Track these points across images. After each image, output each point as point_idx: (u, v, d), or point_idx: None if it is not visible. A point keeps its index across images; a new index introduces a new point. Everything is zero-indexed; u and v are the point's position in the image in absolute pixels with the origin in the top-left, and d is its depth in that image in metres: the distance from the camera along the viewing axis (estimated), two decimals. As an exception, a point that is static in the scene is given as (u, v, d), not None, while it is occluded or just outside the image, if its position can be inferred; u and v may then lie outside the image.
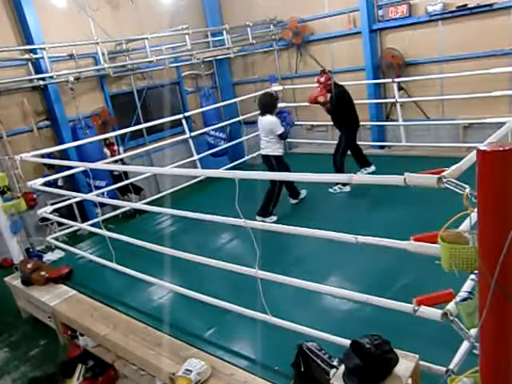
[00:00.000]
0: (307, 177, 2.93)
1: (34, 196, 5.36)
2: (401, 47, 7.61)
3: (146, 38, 7.73)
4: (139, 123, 8.08)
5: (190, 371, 2.94)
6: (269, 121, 5.56)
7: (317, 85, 6.22)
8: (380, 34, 7.97)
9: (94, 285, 4.68)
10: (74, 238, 6.85)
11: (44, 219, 6.89)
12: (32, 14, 6.98)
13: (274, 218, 5.54)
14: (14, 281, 5.15)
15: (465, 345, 2.43)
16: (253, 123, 9.49)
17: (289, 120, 5.83)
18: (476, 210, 1.75)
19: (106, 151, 7.66)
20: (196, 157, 7.52)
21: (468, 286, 2.36)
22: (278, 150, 5.64)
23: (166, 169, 6.53)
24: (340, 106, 6.16)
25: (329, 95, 6.12)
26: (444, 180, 2.12)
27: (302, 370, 2.68)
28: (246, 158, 8.34)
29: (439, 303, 2.40)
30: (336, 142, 6.57)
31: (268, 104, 5.64)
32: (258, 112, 5.78)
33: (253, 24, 8.89)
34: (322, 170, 2.97)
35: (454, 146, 7.02)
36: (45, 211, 5.54)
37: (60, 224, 6.88)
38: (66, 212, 7.13)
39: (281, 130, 5.53)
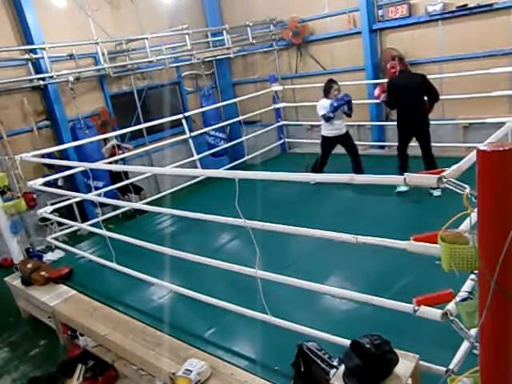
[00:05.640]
0: (307, 177, 2.93)
1: (34, 196, 5.36)
2: (401, 47, 7.60)
3: (146, 38, 7.73)
4: (139, 123, 8.08)
5: (190, 371, 2.94)
6: (318, 103, 6.36)
7: None
8: (380, 34, 7.97)
9: (93, 285, 4.68)
10: (74, 238, 6.85)
11: (44, 219, 6.89)
12: (32, 14, 6.98)
13: None
14: (14, 281, 5.15)
15: (465, 345, 2.43)
16: (253, 123, 9.52)
17: (336, 102, 6.20)
18: (476, 209, 1.75)
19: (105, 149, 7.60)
20: (196, 157, 7.52)
21: (468, 286, 2.36)
22: (323, 131, 6.51)
23: (166, 169, 6.54)
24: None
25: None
26: (444, 180, 2.12)
27: (302, 370, 2.68)
28: (246, 157, 8.33)
29: (439, 303, 2.40)
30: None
31: (323, 88, 6.39)
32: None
33: (253, 24, 8.88)
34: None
35: (454, 145, 7.02)
36: (45, 211, 5.53)
37: (60, 224, 6.88)
38: (66, 212, 7.12)
39: (321, 112, 6.25)
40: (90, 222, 6.04)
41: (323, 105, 6.29)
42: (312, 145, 8.88)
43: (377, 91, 6.45)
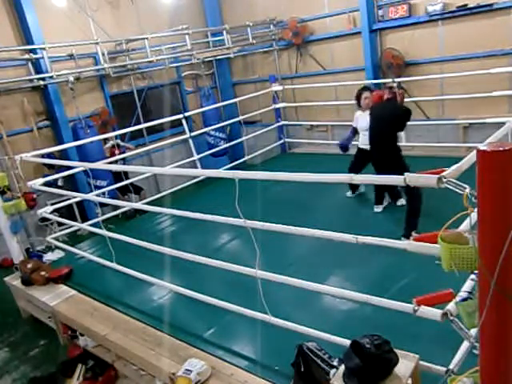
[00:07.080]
0: (307, 177, 2.93)
1: (34, 196, 5.35)
2: (401, 47, 7.60)
3: (146, 38, 7.73)
4: (139, 123, 8.08)
5: (190, 371, 2.94)
6: None
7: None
8: (380, 34, 7.96)
9: (93, 285, 4.68)
10: (74, 238, 6.85)
11: (44, 219, 6.89)
12: (32, 14, 6.98)
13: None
14: (14, 281, 5.15)
15: (465, 345, 2.43)
16: (253, 123, 9.52)
17: (340, 144, 5.92)
18: (476, 209, 1.75)
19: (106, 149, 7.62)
20: (196, 157, 7.52)
21: (468, 286, 2.36)
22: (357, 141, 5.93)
23: (166, 169, 6.54)
24: None
25: None
26: (444, 180, 2.12)
27: (302, 370, 2.68)
28: (246, 158, 8.34)
29: (439, 303, 2.40)
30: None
31: (355, 96, 5.78)
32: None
33: (253, 24, 8.88)
34: (321, 170, 2.97)
35: (454, 145, 7.02)
36: (45, 211, 5.54)
37: (60, 224, 6.88)
38: (66, 212, 7.12)
39: (353, 125, 5.83)
40: (90, 222, 6.04)
41: (357, 117, 5.79)
42: (312, 145, 8.90)
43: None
